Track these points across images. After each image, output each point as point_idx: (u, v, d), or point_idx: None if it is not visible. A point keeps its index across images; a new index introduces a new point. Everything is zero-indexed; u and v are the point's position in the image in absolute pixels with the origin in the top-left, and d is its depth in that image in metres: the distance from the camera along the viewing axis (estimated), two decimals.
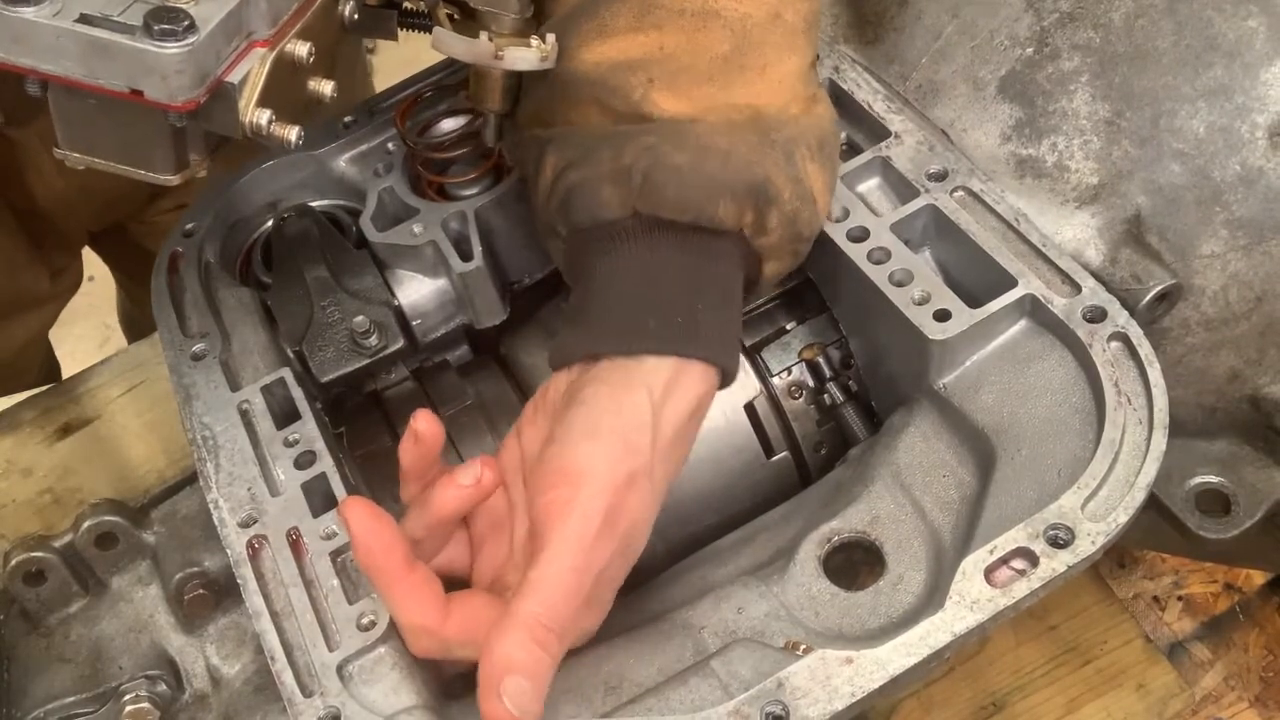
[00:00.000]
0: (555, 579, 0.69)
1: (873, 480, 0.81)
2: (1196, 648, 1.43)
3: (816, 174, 0.82)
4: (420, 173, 0.97)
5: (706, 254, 0.79)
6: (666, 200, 0.77)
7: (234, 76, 0.66)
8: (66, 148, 0.68)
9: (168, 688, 0.85)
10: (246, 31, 0.67)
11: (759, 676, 0.70)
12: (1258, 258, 0.84)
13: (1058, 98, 0.87)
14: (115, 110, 0.65)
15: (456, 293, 0.94)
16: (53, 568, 0.87)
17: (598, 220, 0.79)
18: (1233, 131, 0.83)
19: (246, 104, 0.66)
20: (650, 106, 0.80)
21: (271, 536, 0.78)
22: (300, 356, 0.91)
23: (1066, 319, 0.80)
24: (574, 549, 0.69)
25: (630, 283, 0.78)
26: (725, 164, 0.78)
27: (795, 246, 0.83)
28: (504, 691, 0.66)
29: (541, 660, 0.67)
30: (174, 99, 0.64)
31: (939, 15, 0.93)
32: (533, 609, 0.68)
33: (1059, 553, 0.71)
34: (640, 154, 0.78)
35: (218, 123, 0.67)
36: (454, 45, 0.79)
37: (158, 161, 0.68)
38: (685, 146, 0.78)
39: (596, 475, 0.71)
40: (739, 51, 0.80)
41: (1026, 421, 0.79)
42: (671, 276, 0.78)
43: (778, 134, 0.80)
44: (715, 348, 0.77)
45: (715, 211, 0.78)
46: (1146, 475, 0.74)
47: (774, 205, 0.79)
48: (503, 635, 0.67)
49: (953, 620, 0.70)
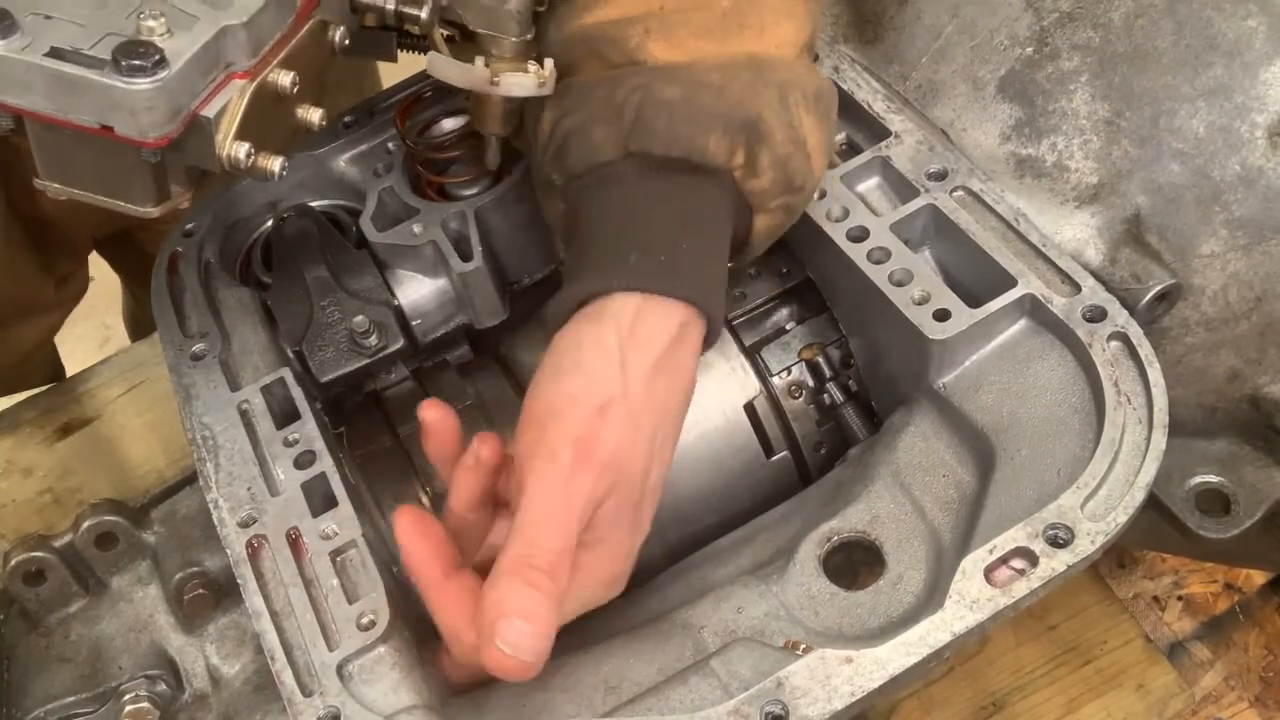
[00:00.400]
0: (535, 518, 0.68)
1: (872, 480, 0.81)
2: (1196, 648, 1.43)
3: (811, 126, 0.81)
4: (420, 172, 0.97)
5: (696, 195, 0.78)
6: (657, 134, 0.77)
7: (210, 110, 0.64)
8: (46, 178, 0.67)
9: (167, 687, 0.85)
10: (225, 63, 0.65)
11: (759, 676, 0.70)
12: (1257, 257, 0.84)
13: (1057, 97, 0.87)
14: (91, 143, 0.63)
15: (456, 293, 0.94)
16: (53, 567, 0.87)
17: (591, 163, 0.79)
18: (1232, 131, 0.83)
19: (224, 137, 0.65)
20: (645, 55, 0.80)
21: (271, 536, 0.78)
22: (300, 356, 0.91)
23: (1066, 318, 0.80)
24: (547, 486, 0.69)
25: (616, 222, 0.78)
26: (717, 98, 0.78)
27: (787, 200, 0.81)
28: (500, 636, 0.65)
29: (535, 599, 0.66)
30: (145, 135, 0.62)
31: (939, 15, 0.93)
32: (517, 551, 0.67)
33: (1059, 552, 0.71)
34: (632, 91, 0.78)
35: (194, 156, 0.66)
36: (450, 71, 0.79)
37: (137, 193, 0.66)
38: (678, 81, 0.78)
39: (561, 411, 0.71)
40: (738, 9, 0.80)
41: (1026, 421, 0.79)
42: (657, 214, 0.78)
43: (772, 74, 0.79)
44: (693, 286, 0.75)
45: (706, 144, 0.77)
46: (1146, 475, 0.74)
47: (765, 144, 0.78)
48: (492, 584, 0.67)
49: (952, 620, 0.70)
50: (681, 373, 0.76)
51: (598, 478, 0.70)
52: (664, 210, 0.77)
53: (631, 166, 0.78)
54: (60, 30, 0.62)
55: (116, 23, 0.63)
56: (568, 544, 0.68)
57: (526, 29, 0.79)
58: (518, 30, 0.79)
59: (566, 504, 0.69)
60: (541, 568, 0.67)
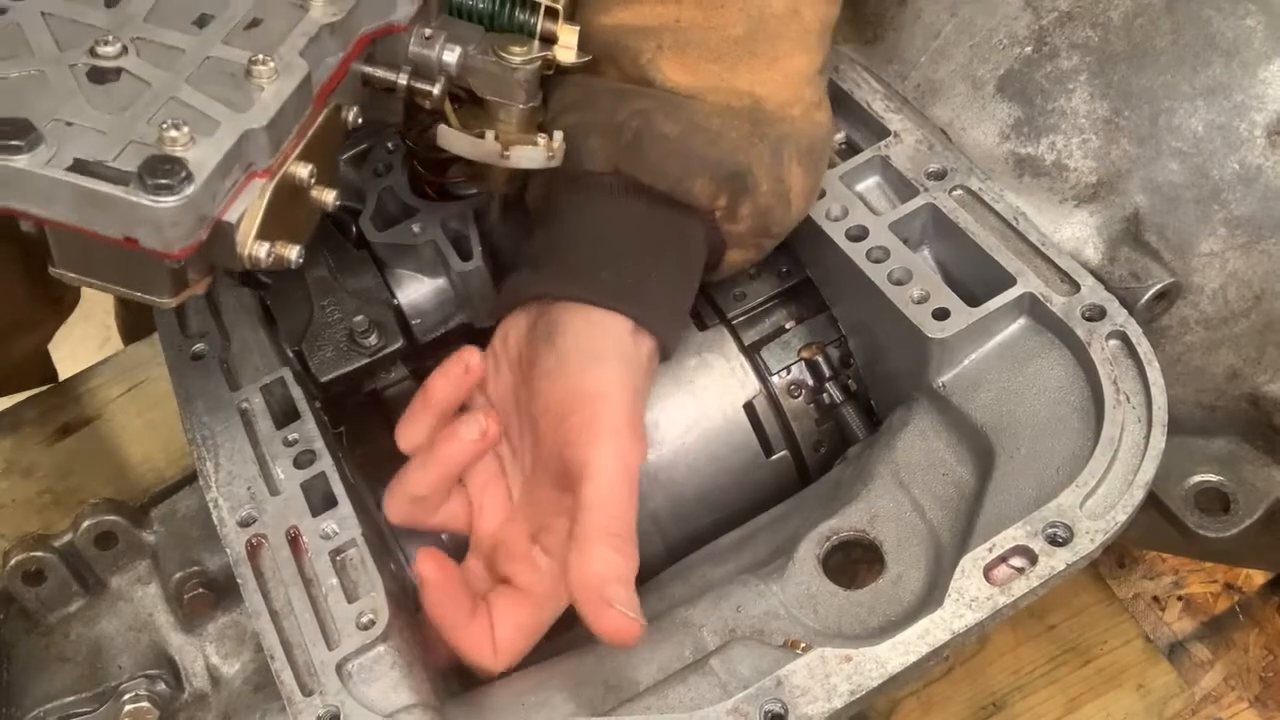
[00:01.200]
0: (610, 491, 0.72)
1: (872, 479, 0.81)
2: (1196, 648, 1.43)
3: (799, 176, 0.82)
4: (420, 172, 0.97)
5: (673, 226, 0.81)
6: (648, 165, 0.79)
7: (232, 214, 0.63)
8: (62, 268, 0.66)
9: (167, 687, 0.85)
10: (246, 164, 0.64)
11: (758, 675, 0.70)
12: (1256, 256, 0.84)
13: (1056, 96, 0.87)
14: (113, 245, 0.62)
15: (456, 292, 0.94)
16: (52, 567, 0.86)
17: (580, 168, 0.81)
18: (1231, 130, 0.84)
19: (245, 238, 0.64)
20: (655, 72, 0.81)
21: (271, 535, 0.78)
22: (300, 356, 0.91)
23: (1065, 317, 0.80)
24: (616, 460, 0.72)
25: (593, 235, 0.81)
26: (711, 144, 0.79)
27: (760, 241, 0.84)
28: (613, 599, 0.68)
29: (627, 564, 0.71)
30: (170, 248, 0.61)
31: (938, 14, 0.94)
32: (602, 522, 0.71)
33: (1058, 551, 0.71)
34: (633, 115, 0.80)
35: (216, 256, 0.65)
36: (460, 144, 0.80)
37: (155, 287, 0.65)
38: (678, 119, 0.79)
39: (613, 391, 0.74)
40: (752, 38, 0.81)
41: (1025, 420, 0.79)
42: (633, 237, 0.80)
43: (770, 129, 0.81)
44: (654, 315, 0.79)
45: (691, 186, 0.79)
46: (1145, 473, 0.74)
47: (749, 195, 0.80)
48: (586, 556, 0.70)
49: (951, 618, 0.70)
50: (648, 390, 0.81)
51: (643, 453, 0.74)
52: (641, 234, 0.80)
53: (618, 184, 0.80)
54: (82, 139, 0.61)
55: (139, 129, 0.62)
56: (634, 512, 0.73)
57: (533, 96, 0.80)
58: (525, 98, 0.80)
59: (631, 476, 0.73)
60: (625, 534, 0.71)
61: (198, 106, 0.63)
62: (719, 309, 0.92)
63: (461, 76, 0.78)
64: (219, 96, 0.64)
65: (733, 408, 0.90)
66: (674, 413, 0.89)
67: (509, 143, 0.79)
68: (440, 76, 0.76)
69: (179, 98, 0.63)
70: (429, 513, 0.78)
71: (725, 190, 0.80)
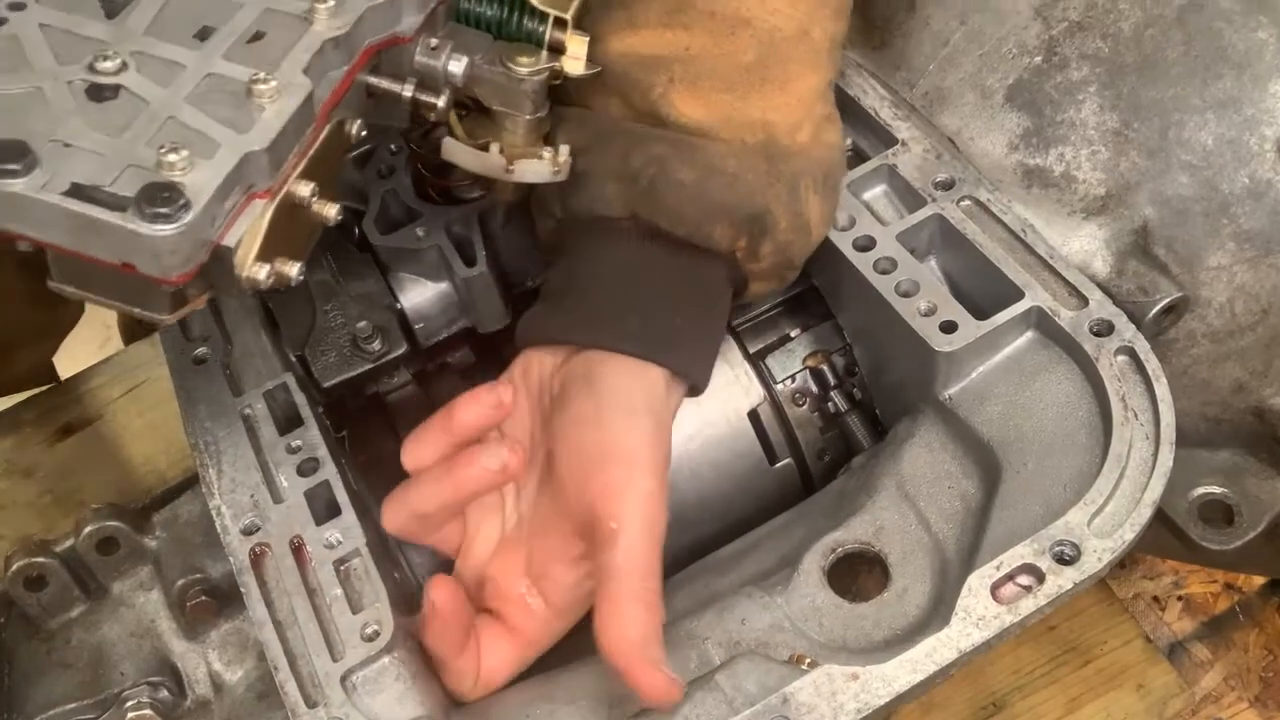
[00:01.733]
0: (641, 555, 0.71)
1: (877, 490, 0.81)
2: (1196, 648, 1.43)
3: (816, 205, 0.82)
4: (424, 175, 0.96)
5: (695, 268, 0.80)
6: (666, 212, 0.79)
7: (231, 238, 0.61)
8: (60, 283, 0.65)
9: (169, 694, 0.85)
10: (246, 185, 0.62)
11: (764, 691, 0.70)
12: (1265, 270, 0.84)
13: (1066, 107, 0.87)
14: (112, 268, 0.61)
15: (459, 297, 0.94)
16: (53, 572, 0.86)
17: (595, 213, 0.80)
18: (1241, 144, 0.83)
19: (244, 260, 0.62)
20: (668, 107, 0.80)
21: (274, 544, 0.78)
22: (303, 361, 0.91)
23: (1073, 332, 0.80)
24: (647, 524, 0.72)
25: (615, 279, 0.80)
26: (729, 189, 0.79)
27: (784, 273, 0.84)
28: (658, 661, 0.69)
29: (660, 624, 0.70)
30: (167, 275, 0.59)
31: (947, 22, 0.93)
32: (635, 585, 0.70)
33: (1065, 569, 0.71)
34: (649, 162, 0.79)
35: (214, 279, 0.63)
36: (465, 157, 0.80)
37: (153, 305, 0.64)
38: (694, 164, 0.79)
39: (646, 451, 0.74)
40: (762, 63, 0.80)
41: (1032, 435, 0.79)
42: (657, 283, 0.80)
43: (786, 165, 0.80)
44: (685, 359, 0.78)
45: (711, 232, 0.79)
46: (1153, 492, 0.74)
47: (769, 235, 0.80)
48: (622, 619, 0.70)
49: (959, 638, 0.70)
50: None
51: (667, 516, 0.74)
52: (664, 279, 0.80)
53: (636, 229, 0.80)
54: (80, 162, 0.60)
55: (137, 152, 0.60)
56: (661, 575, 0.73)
57: (540, 107, 0.79)
58: (532, 109, 0.79)
59: (659, 540, 0.72)
60: (656, 597, 0.71)
61: (197, 127, 0.62)
62: None
63: (468, 86, 0.77)
64: (219, 116, 0.63)
65: (737, 415, 0.90)
66: (678, 420, 0.88)
67: (514, 156, 0.79)
68: (446, 89, 0.75)
69: (178, 118, 0.62)
70: (426, 531, 0.78)
71: (745, 233, 0.79)
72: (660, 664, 0.68)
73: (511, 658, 0.76)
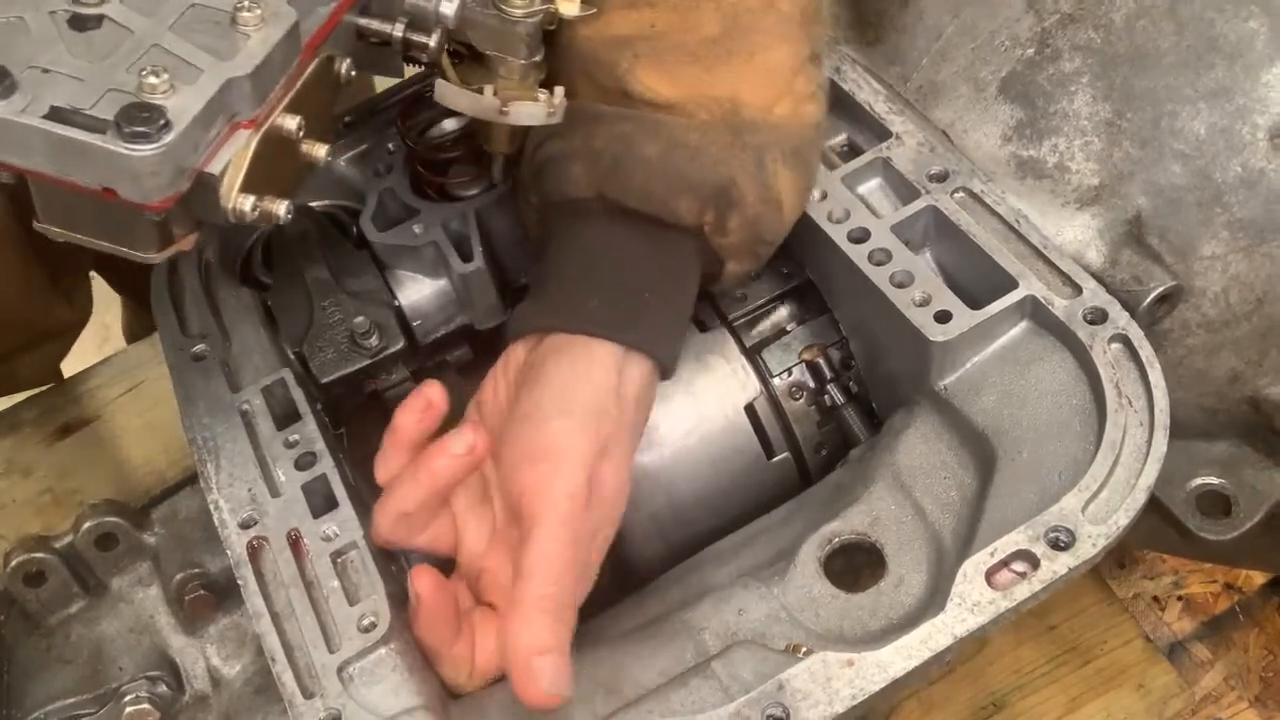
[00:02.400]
0: (553, 556, 0.71)
1: (873, 482, 0.81)
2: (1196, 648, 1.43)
3: (787, 179, 0.82)
4: (421, 173, 0.97)
5: (663, 246, 0.80)
6: (631, 189, 0.79)
7: (215, 166, 0.61)
8: (46, 222, 0.64)
9: (168, 689, 0.85)
10: (229, 114, 0.62)
11: (760, 678, 0.70)
12: (1258, 259, 0.84)
13: (1059, 99, 0.87)
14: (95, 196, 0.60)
15: (457, 293, 0.94)
16: (53, 568, 0.87)
17: (565, 195, 0.81)
18: (1234, 133, 0.83)
19: (229, 191, 0.62)
20: (634, 83, 0.80)
21: (272, 538, 0.78)
22: (300, 357, 0.91)
23: (1067, 321, 0.80)
24: (564, 525, 0.71)
25: (583, 261, 0.80)
26: (692, 161, 0.79)
27: (756, 249, 0.84)
28: (539, 674, 0.68)
29: (561, 635, 0.70)
30: (148, 199, 0.59)
31: (940, 16, 0.93)
32: (540, 590, 0.70)
33: (1060, 555, 0.71)
34: (613, 140, 0.79)
35: (198, 209, 0.63)
36: (459, 100, 0.78)
37: (140, 242, 0.64)
38: (657, 138, 0.79)
39: (574, 450, 0.73)
40: (727, 35, 0.80)
41: (1027, 423, 0.79)
42: (624, 262, 0.80)
43: (751, 137, 0.80)
44: (650, 339, 0.78)
45: (677, 206, 0.79)
46: (1147, 477, 0.74)
47: (736, 208, 0.80)
48: (521, 622, 0.70)
49: (954, 623, 0.70)
50: (645, 416, 0.80)
51: (601, 515, 0.74)
52: (631, 259, 0.80)
53: (603, 208, 0.80)
54: (60, 87, 0.60)
55: (118, 77, 0.60)
56: (580, 577, 0.72)
57: (535, 50, 0.79)
58: (526, 53, 0.78)
59: (577, 541, 0.72)
60: (564, 602, 0.71)
61: (180, 54, 0.61)
62: (720, 311, 0.92)
63: (460, 30, 0.76)
64: (203, 44, 0.62)
65: (734, 410, 0.90)
66: (675, 415, 0.88)
67: (509, 99, 0.77)
68: (437, 28, 0.73)
69: (161, 45, 0.62)
70: (415, 531, 0.77)
71: (711, 206, 0.79)
72: (542, 677, 0.68)
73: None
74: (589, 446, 0.73)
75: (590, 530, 0.73)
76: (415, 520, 0.76)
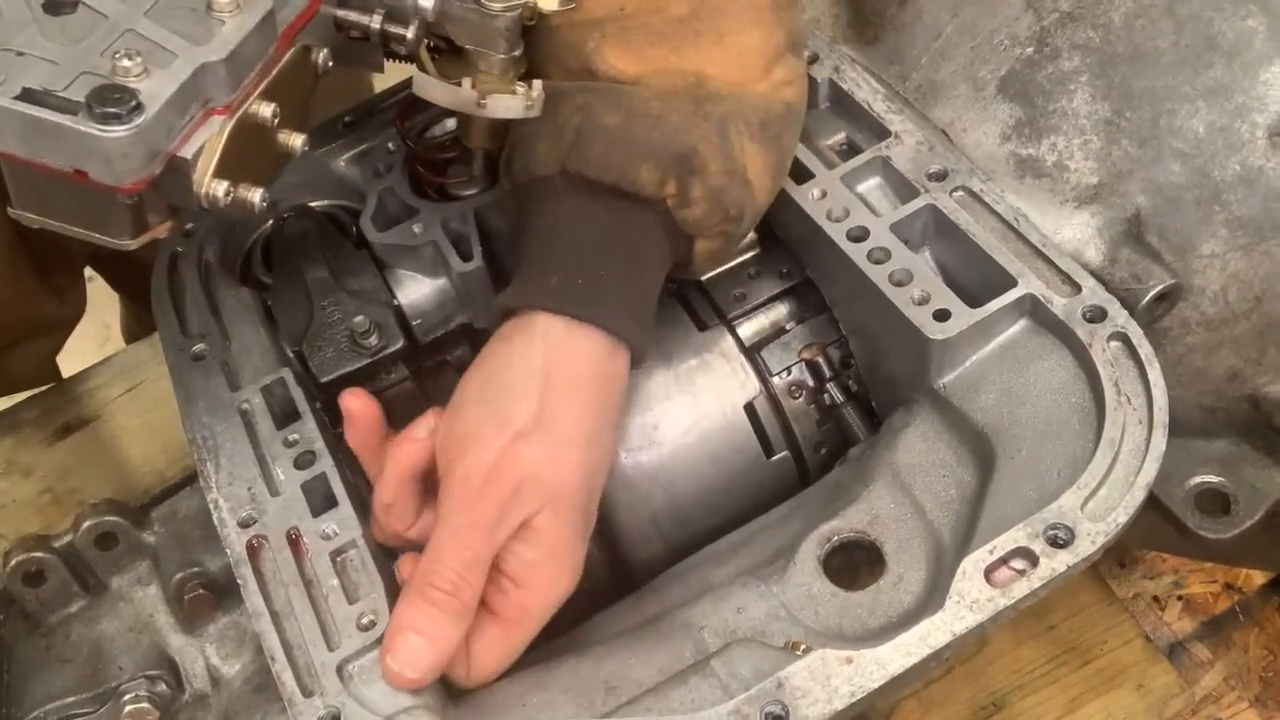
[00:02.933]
0: (443, 536, 0.72)
1: (872, 480, 0.81)
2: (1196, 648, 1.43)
3: (755, 154, 0.81)
4: (420, 173, 0.97)
5: (627, 221, 0.79)
6: (592, 158, 0.78)
7: (187, 150, 0.61)
8: (20, 208, 0.64)
9: (167, 688, 0.85)
10: (203, 99, 0.62)
11: (759, 676, 0.70)
12: (1257, 257, 0.84)
13: (1058, 97, 0.87)
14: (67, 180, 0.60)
15: (456, 293, 0.94)
16: (53, 568, 0.87)
17: (532, 175, 0.80)
18: (1232, 131, 0.83)
19: (202, 175, 0.62)
20: (599, 61, 0.80)
21: (271, 536, 0.78)
22: (300, 356, 0.91)
23: (1066, 319, 0.80)
24: (458, 505, 0.72)
25: (546, 240, 0.80)
26: (653, 128, 0.78)
27: (725, 227, 0.82)
28: (394, 651, 0.70)
29: (435, 618, 0.71)
30: (120, 181, 0.59)
31: (939, 15, 0.93)
32: (425, 568, 0.72)
33: (1059, 552, 0.71)
34: (574, 112, 0.79)
35: (171, 194, 0.63)
36: (436, 92, 0.78)
37: (113, 227, 0.64)
38: (618, 108, 0.78)
39: (480, 437, 0.74)
40: (695, 16, 0.80)
41: (1026, 421, 0.79)
42: (584, 236, 0.79)
43: (714, 107, 0.80)
44: (612, 315, 0.77)
45: (637, 174, 0.78)
46: (1146, 475, 0.74)
47: (698, 177, 0.79)
48: (401, 598, 0.72)
49: (952, 620, 0.70)
50: (603, 393, 0.78)
51: (511, 496, 0.72)
52: (591, 233, 0.79)
53: (567, 184, 0.79)
54: (33, 69, 0.60)
55: (91, 60, 0.60)
56: (474, 560, 0.72)
57: (515, 45, 0.78)
58: (505, 47, 0.78)
59: (474, 523, 0.72)
60: (443, 586, 0.71)
61: (155, 39, 0.62)
62: (719, 309, 0.92)
63: (439, 23, 0.76)
64: (177, 30, 0.62)
65: (733, 408, 0.90)
66: (674, 414, 0.89)
67: (486, 92, 0.77)
68: (415, 21, 0.73)
69: (136, 30, 0.62)
70: (403, 521, 0.78)
71: (672, 174, 0.78)
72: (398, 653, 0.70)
73: (493, 642, 0.75)
74: (498, 433, 0.73)
75: (489, 515, 0.72)
76: (397, 511, 0.78)
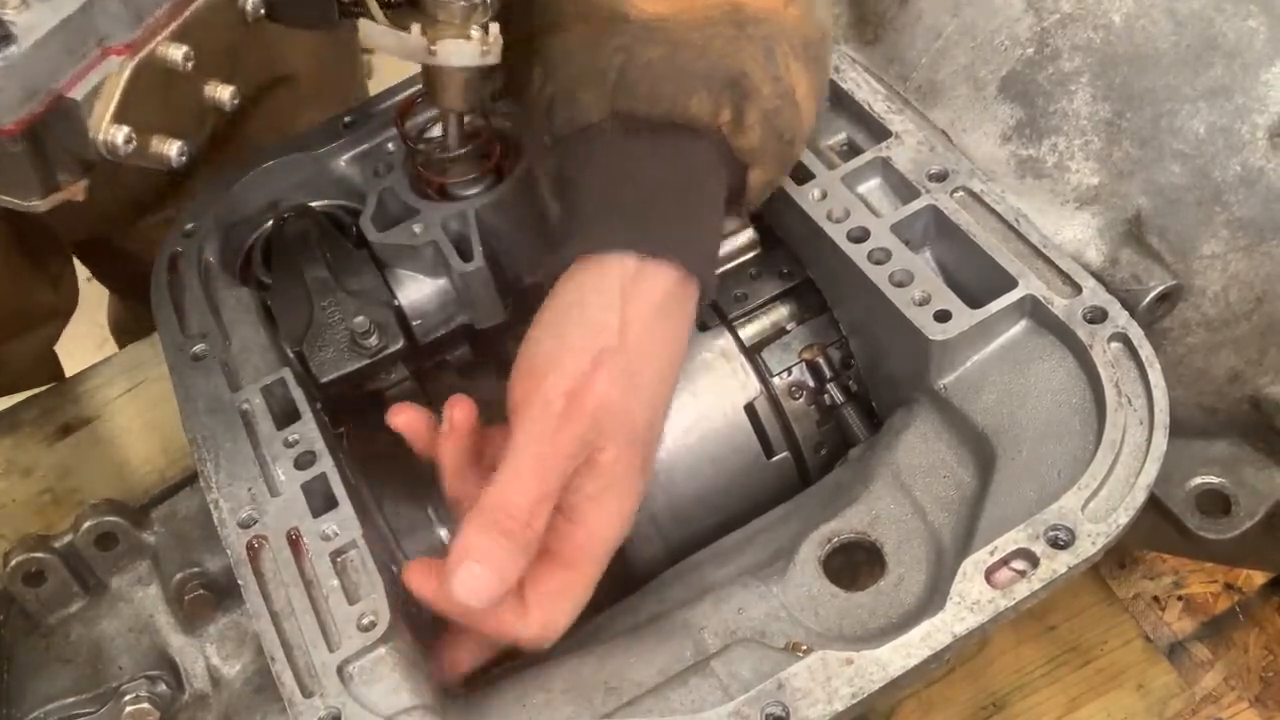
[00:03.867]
0: (517, 466, 0.70)
1: (873, 481, 0.81)
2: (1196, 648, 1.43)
3: (800, 73, 0.80)
4: (421, 173, 0.97)
5: (682, 154, 0.78)
6: (641, 94, 0.77)
7: (78, 92, 0.57)
8: None
9: (168, 688, 0.85)
10: (98, 38, 0.58)
11: (759, 677, 0.70)
12: (1258, 258, 0.84)
13: (1058, 98, 0.87)
14: None
15: (457, 293, 0.94)
16: (53, 568, 0.87)
17: (577, 125, 0.79)
18: (1233, 132, 0.83)
19: (99, 121, 0.58)
20: (628, 6, 0.78)
21: (271, 537, 0.78)
22: (300, 357, 0.91)
23: (1067, 320, 0.80)
24: (536, 434, 0.70)
25: (602, 182, 0.78)
26: (700, 56, 0.77)
27: (779, 150, 0.81)
28: (457, 577, 0.68)
29: (501, 546, 0.68)
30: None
31: (939, 15, 0.93)
32: (493, 497, 0.69)
33: (1059, 553, 0.71)
34: (614, 53, 0.77)
35: (66, 141, 0.59)
36: (383, 39, 0.74)
37: (19, 187, 0.60)
38: (660, 42, 0.77)
39: (558, 361, 0.72)
40: None
41: (1027, 422, 0.79)
42: (643, 176, 0.77)
43: (755, 29, 0.78)
44: (681, 250, 0.75)
45: (689, 104, 0.76)
46: (1147, 476, 0.74)
47: (751, 100, 0.77)
48: (465, 524, 0.69)
49: (953, 621, 0.70)
50: (676, 328, 0.77)
51: (589, 427, 0.71)
52: (651, 170, 0.77)
53: (617, 126, 0.78)
54: None
55: None
56: (546, 491, 0.70)
57: None
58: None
59: (552, 452, 0.70)
60: (516, 515, 0.69)
61: None
62: (720, 310, 0.92)
63: None
64: None
65: (733, 409, 0.90)
66: (674, 414, 0.88)
67: (437, 38, 0.73)
68: None
69: None
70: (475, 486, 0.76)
71: (726, 100, 0.77)
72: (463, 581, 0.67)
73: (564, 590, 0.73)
74: (575, 363, 0.72)
75: (569, 444, 0.70)
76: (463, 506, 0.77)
